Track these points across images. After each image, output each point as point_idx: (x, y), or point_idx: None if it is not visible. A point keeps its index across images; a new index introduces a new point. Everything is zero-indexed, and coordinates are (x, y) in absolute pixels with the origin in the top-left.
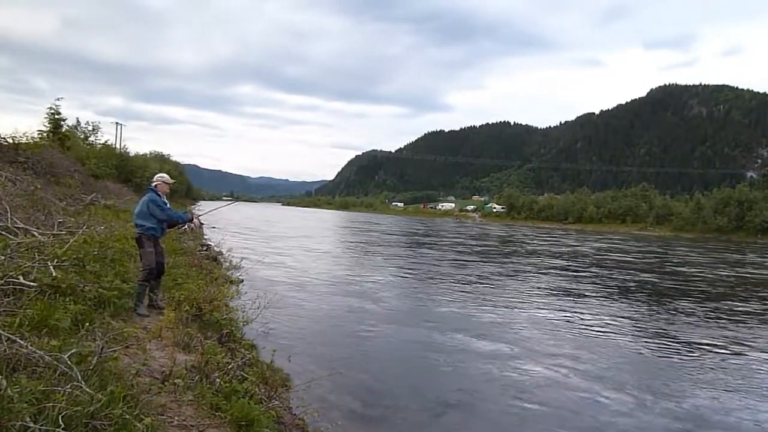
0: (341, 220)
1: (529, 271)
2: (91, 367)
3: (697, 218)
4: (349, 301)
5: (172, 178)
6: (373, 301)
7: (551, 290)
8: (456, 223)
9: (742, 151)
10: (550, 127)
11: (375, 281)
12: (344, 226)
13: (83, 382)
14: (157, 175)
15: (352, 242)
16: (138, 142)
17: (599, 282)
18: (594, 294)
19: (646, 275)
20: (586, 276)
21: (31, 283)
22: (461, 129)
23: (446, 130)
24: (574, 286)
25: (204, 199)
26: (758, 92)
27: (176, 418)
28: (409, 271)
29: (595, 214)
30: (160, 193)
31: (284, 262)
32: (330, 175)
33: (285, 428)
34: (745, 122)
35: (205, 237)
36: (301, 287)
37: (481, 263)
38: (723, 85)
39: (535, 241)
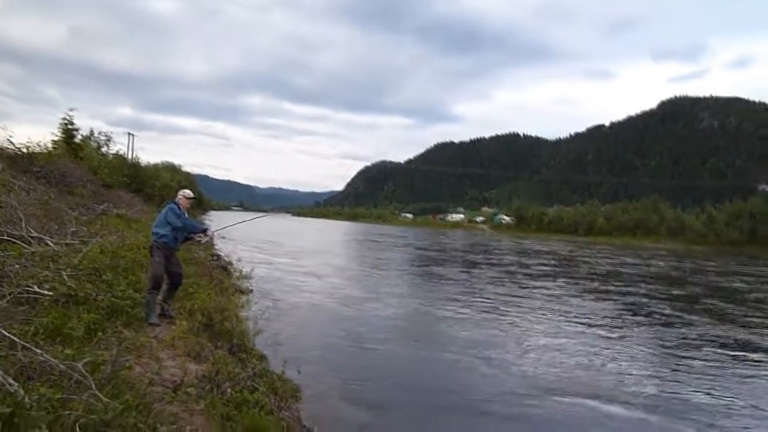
0: (356, 232)
1: (647, 307)
2: (104, 376)
3: (709, 231)
4: (369, 319)
5: (184, 189)
6: (404, 322)
7: (720, 345)
8: (471, 235)
9: (755, 163)
10: (559, 138)
11: (412, 304)
12: (363, 239)
13: (98, 391)
14: (181, 191)
15: (382, 258)
16: (148, 152)
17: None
18: None
19: None
20: (738, 317)
21: (46, 292)
22: (471, 140)
23: (455, 141)
24: (747, 337)
25: (213, 209)
26: None
27: (188, 427)
28: (463, 296)
29: (606, 226)
30: (180, 206)
31: (298, 275)
32: (339, 186)
33: None
34: (758, 135)
35: (216, 247)
36: (316, 302)
37: (568, 292)
38: (734, 98)
39: (595, 260)
